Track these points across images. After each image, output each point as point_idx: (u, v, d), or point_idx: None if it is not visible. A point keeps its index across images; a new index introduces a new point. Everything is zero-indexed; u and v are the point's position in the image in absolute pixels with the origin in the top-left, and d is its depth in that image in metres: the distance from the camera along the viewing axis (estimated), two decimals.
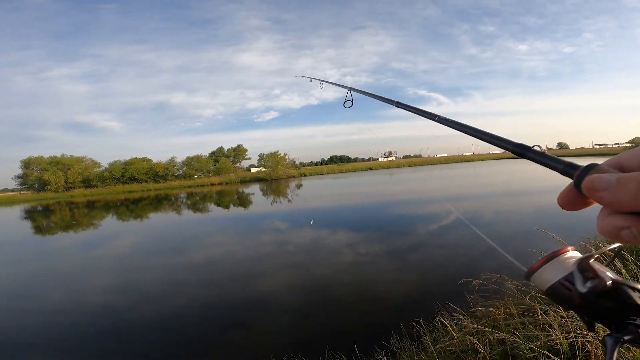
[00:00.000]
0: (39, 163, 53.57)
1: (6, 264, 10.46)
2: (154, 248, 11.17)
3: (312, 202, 21.24)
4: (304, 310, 5.16)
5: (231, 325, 4.90)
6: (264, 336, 4.48)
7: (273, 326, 4.72)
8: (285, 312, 5.16)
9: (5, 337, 4.93)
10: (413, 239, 9.09)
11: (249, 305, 5.55)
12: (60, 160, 54.08)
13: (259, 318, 5.04)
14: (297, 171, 56.18)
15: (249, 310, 5.36)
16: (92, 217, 23.18)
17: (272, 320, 4.92)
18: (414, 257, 7.42)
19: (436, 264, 6.83)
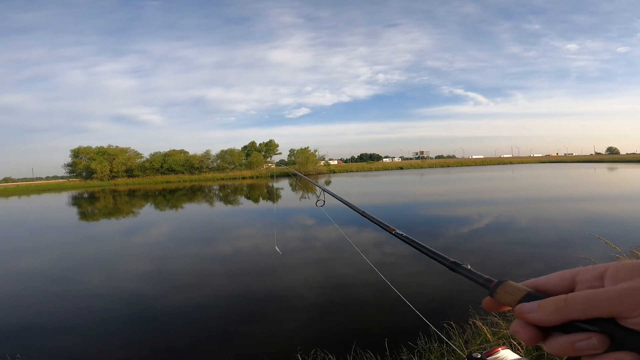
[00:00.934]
0: (87, 153, 57.73)
1: (52, 247, 11.37)
2: (186, 238, 11.66)
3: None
4: (327, 307, 5.15)
5: (254, 318, 4.98)
6: (286, 331, 4.51)
7: (296, 321, 4.75)
8: (308, 307, 5.18)
9: (44, 320, 5.27)
10: (442, 240, 8.79)
11: (272, 299, 5.62)
12: (106, 151, 57.96)
13: (282, 312, 5.09)
14: (327, 168, 56.32)
15: (273, 303, 5.42)
16: (132, 205, 24.62)
17: (294, 315, 4.95)
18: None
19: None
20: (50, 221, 18.64)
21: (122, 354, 4.10)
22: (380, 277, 6.09)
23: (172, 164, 57.71)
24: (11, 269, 8.31)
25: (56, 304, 5.96)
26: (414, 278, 6.17)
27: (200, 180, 52.16)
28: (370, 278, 6.23)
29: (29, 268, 8.28)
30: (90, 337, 4.59)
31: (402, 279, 6.11)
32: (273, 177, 50.21)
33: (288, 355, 3.70)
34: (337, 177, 44.20)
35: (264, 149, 67.28)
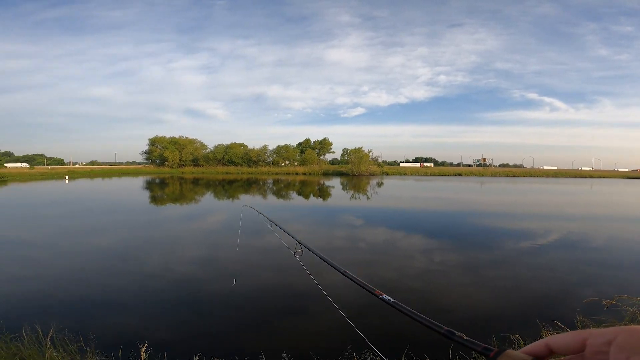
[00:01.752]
0: (161, 142, 64.07)
1: (124, 227, 12.88)
2: (237, 228, 12.39)
3: (391, 201, 20.77)
4: (364, 308, 5.08)
5: (294, 311, 5.08)
6: (325, 327, 4.54)
7: (334, 320, 4.74)
8: (347, 307, 5.17)
9: (106, 295, 5.59)
10: (497, 254, 8.22)
11: (313, 295, 5.73)
12: (177, 141, 63.73)
13: (322, 309, 5.09)
14: (380, 169, 55.38)
15: (313, 300, 5.51)
16: (194, 193, 26.79)
17: (333, 313, 4.97)
18: (495, 273, 6.73)
19: (521, 283, 6.06)
20: (125, 203, 21.13)
21: (167, 333, 4.37)
22: (424, 285, 5.88)
23: (233, 156, 61.56)
24: (86, 245, 9.38)
25: (119, 281, 6.33)
26: (462, 289, 5.89)
27: (256, 173, 54.83)
28: (415, 284, 6.08)
29: (102, 245, 9.27)
30: (142, 315, 4.87)
31: (448, 288, 5.87)
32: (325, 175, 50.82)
33: (327, 353, 3.79)
34: (389, 180, 43.30)
35: (318, 146, 68.34)
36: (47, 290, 5.75)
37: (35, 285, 5.99)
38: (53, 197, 23.46)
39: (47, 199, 22.34)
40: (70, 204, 19.68)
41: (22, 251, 8.44)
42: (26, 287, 5.90)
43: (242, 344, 4.04)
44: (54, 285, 6.03)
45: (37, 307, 4.99)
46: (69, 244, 9.27)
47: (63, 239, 10.00)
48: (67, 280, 6.31)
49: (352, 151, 55.05)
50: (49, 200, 21.52)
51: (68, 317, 4.56)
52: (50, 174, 50.04)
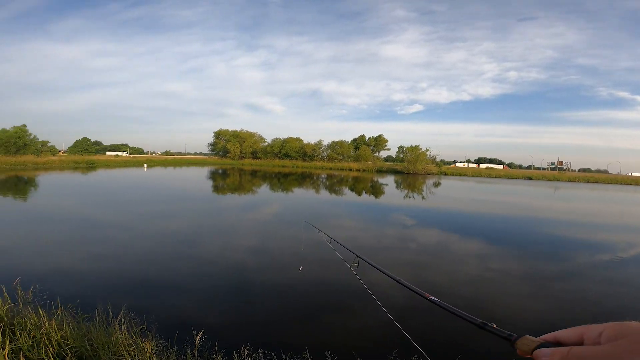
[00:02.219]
0: (225, 135, 68.52)
1: (188, 213, 14.12)
2: (289, 219, 12.86)
3: (448, 203, 19.78)
4: (406, 312, 4.92)
5: (339, 309, 5.14)
6: (371, 329, 4.53)
7: (376, 320, 4.68)
8: (390, 308, 5.12)
9: (169, 279, 5.99)
10: (565, 266, 7.44)
11: (357, 293, 5.75)
12: (238, 134, 67.64)
13: (366, 309, 5.09)
14: (438, 169, 52.81)
15: (357, 298, 5.50)
16: (252, 184, 28.30)
17: (377, 314, 4.89)
18: (560, 285, 6.12)
19: (589, 298, 5.43)
20: (192, 191, 23.12)
21: (219, 319, 4.64)
22: (475, 293, 5.55)
23: (289, 150, 63.57)
24: (158, 229, 10.47)
25: (182, 265, 6.76)
26: (519, 301, 5.47)
27: (310, 168, 55.97)
28: (464, 291, 5.80)
29: (171, 230, 10.23)
30: (199, 300, 5.13)
31: (503, 298, 5.49)
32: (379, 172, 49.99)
33: (372, 354, 3.82)
34: (447, 180, 41.12)
35: (372, 143, 67.34)
36: (122, 271, 6.36)
37: (113, 265, 6.64)
38: (133, 183, 26.59)
39: (128, 184, 25.41)
40: (147, 189, 22.15)
41: (103, 232, 9.71)
42: (105, 267, 6.55)
43: (288, 337, 4.12)
44: (128, 266, 6.66)
45: (111, 287, 5.39)
46: (143, 227, 10.46)
47: (139, 222, 11.32)
48: (139, 262, 6.99)
49: (409, 149, 53.22)
50: (130, 186, 24.46)
51: (136, 298, 4.90)
52: (132, 161, 56.73)
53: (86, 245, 8.12)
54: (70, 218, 11.50)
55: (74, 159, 49.37)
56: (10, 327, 2.87)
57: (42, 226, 10.07)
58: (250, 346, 3.20)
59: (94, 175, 31.58)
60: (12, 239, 8.47)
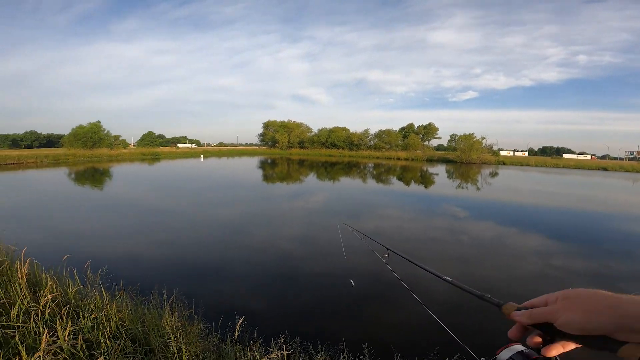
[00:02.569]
0: (273, 125, 70.45)
1: (240, 202, 14.81)
2: (336, 209, 12.93)
3: (506, 194, 18.35)
4: (455, 311, 4.69)
5: (381, 301, 5.08)
6: (410, 324, 4.43)
7: (416, 314, 4.50)
8: (435, 303, 4.89)
9: (219, 265, 6.37)
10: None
11: (400, 286, 5.62)
12: (286, 125, 69.11)
13: (408, 303, 4.91)
14: (495, 158, 49.14)
15: (400, 291, 5.42)
16: (300, 173, 28.85)
17: (419, 310, 4.81)
18: (636, 287, 5.38)
19: None
20: (242, 180, 24.24)
21: (260, 306, 4.82)
22: (534, 292, 5.11)
23: (335, 139, 63.55)
24: (212, 216, 11.17)
25: (232, 252, 7.11)
26: None
27: (357, 157, 55.46)
28: (520, 290, 5.40)
29: (224, 217, 10.89)
30: (243, 286, 5.36)
31: None
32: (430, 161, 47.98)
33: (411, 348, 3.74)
34: (506, 170, 38.08)
35: (422, 131, 64.66)
36: (178, 256, 6.86)
37: (171, 251, 7.21)
38: (191, 173, 28.62)
39: (187, 174, 27.42)
40: (204, 179, 23.71)
41: (165, 219, 10.60)
42: (164, 252, 7.13)
43: (324, 329, 4.14)
44: (183, 251, 7.15)
45: (168, 271, 5.80)
46: (199, 215, 11.22)
47: (195, 209, 12.17)
48: (194, 247, 7.50)
49: (462, 137, 50.08)
50: (189, 175, 26.38)
51: (188, 283, 5.21)
52: (191, 153, 60.99)
53: (150, 231, 8.96)
54: (137, 205, 12.78)
55: (141, 151, 54.53)
56: (75, 309, 3.04)
57: (113, 213, 11.32)
58: (287, 334, 3.24)
59: (158, 166, 34.56)
60: (88, 224, 9.63)
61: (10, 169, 28.55)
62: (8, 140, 77.50)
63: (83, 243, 7.63)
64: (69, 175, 24.52)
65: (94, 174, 25.41)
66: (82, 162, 36.59)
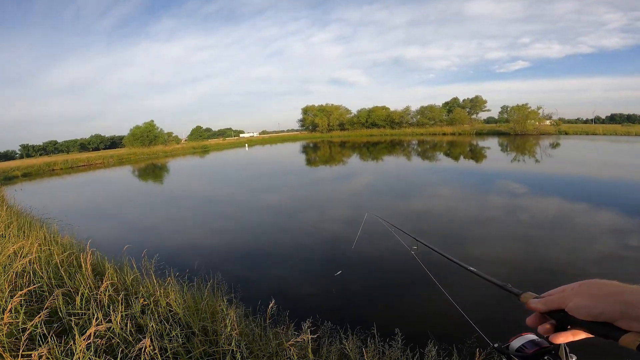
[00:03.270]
0: (312, 110, 70.34)
1: (288, 188, 15.11)
2: (382, 189, 12.68)
3: (571, 167, 16.63)
4: (479, 301, 4.37)
5: (425, 286, 4.92)
6: (436, 311, 4.22)
7: (443, 304, 4.28)
8: (460, 292, 4.64)
9: (271, 249, 6.75)
10: None
11: (450, 269, 5.39)
12: (325, 108, 68.65)
13: (434, 292, 4.78)
14: (555, 128, 44.53)
15: (450, 274, 5.20)
16: (342, 155, 28.70)
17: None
18: None
19: None
20: (288, 165, 24.69)
21: (310, 289, 4.94)
22: (609, 276, 4.67)
23: (375, 119, 61.98)
24: (262, 202, 11.51)
25: (282, 237, 7.47)
26: None
27: (400, 135, 53.70)
28: (595, 272, 4.90)
29: (271, 204, 11.16)
30: (295, 270, 5.60)
31: None
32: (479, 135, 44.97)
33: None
34: (569, 140, 34.41)
35: (468, 105, 60.54)
36: (230, 242, 7.45)
37: (220, 237, 7.83)
38: (239, 163, 29.83)
39: (235, 164, 28.63)
40: (251, 168, 24.62)
41: (219, 207, 11.22)
42: (215, 239, 7.79)
43: (355, 315, 4.13)
44: (235, 238, 7.75)
45: (215, 257, 6.26)
46: (250, 202, 11.72)
47: (246, 197, 12.72)
48: (245, 234, 8.01)
49: (514, 108, 45.72)
50: (237, 165, 27.53)
51: (233, 268, 5.63)
52: (236, 143, 63.41)
53: (201, 220, 9.68)
54: (192, 196, 13.67)
55: (192, 145, 57.88)
56: (130, 295, 3.32)
57: (171, 205, 12.27)
58: (317, 317, 3.38)
59: (208, 158, 36.48)
60: (149, 216, 10.56)
61: (82, 170, 32.00)
62: (77, 145, 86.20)
63: (143, 234, 8.53)
64: (133, 173, 26.94)
65: (153, 170, 27.61)
66: (143, 159, 39.84)
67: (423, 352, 2.99)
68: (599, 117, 71.64)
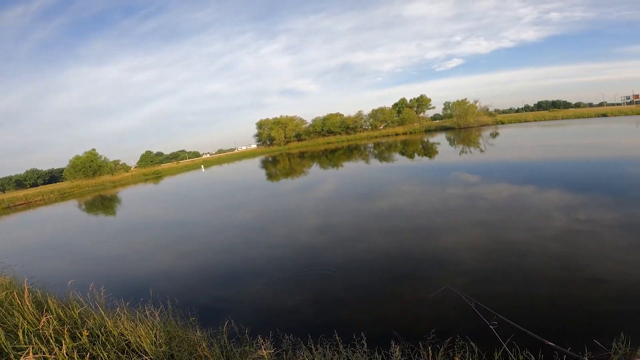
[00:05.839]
0: (267, 124, 69.91)
1: (252, 203, 14.77)
2: (346, 194, 12.87)
3: (512, 153, 18.18)
4: (490, 275, 4.70)
5: (404, 277, 5.05)
6: (434, 298, 4.25)
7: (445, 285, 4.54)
8: (465, 273, 4.87)
9: (245, 265, 6.72)
10: None
11: (426, 260, 5.56)
12: (280, 121, 68.58)
13: (434, 275, 4.96)
14: (492, 118, 48.63)
15: (426, 265, 5.37)
16: (302, 166, 28.72)
17: (448, 279, 4.68)
18: None
19: None
20: (249, 181, 24.18)
21: (291, 297, 4.91)
22: (565, 249, 5.08)
23: (330, 126, 63.18)
24: (227, 221, 11.24)
25: (253, 251, 7.37)
26: (618, 255, 4.90)
27: (355, 140, 55.12)
28: (553, 248, 5.34)
29: (238, 220, 10.95)
30: (273, 282, 5.45)
31: (598, 252, 4.97)
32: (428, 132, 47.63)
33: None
34: (506, 129, 37.77)
35: (415, 104, 64.03)
36: (187, 265, 7.21)
37: (195, 261, 7.51)
38: (196, 185, 28.61)
39: (193, 186, 27.41)
40: (209, 188, 23.71)
41: (183, 230, 10.65)
42: (189, 262, 7.48)
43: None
44: (192, 260, 7.54)
45: (175, 281, 6.27)
46: (215, 221, 11.26)
47: (210, 217, 12.20)
48: (216, 253, 7.80)
49: (455, 104, 49.39)
50: (194, 187, 26.36)
51: (191, 291, 5.68)
52: (191, 165, 60.86)
53: (155, 246, 9.09)
54: (143, 223, 12.80)
55: (142, 172, 54.42)
56: (79, 327, 3.28)
57: (119, 235, 11.42)
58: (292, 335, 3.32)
59: (163, 183, 34.58)
60: (98, 249, 9.77)
61: (21, 209, 28.73)
62: (12, 182, 77.75)
63: (92, 267, 8.08)
64: (79, 207, 24.64)
65: (102, 202, 25.49)
66: (88, 192, 36.66)
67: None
68: (528, 106, 79.13)
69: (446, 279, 4.57)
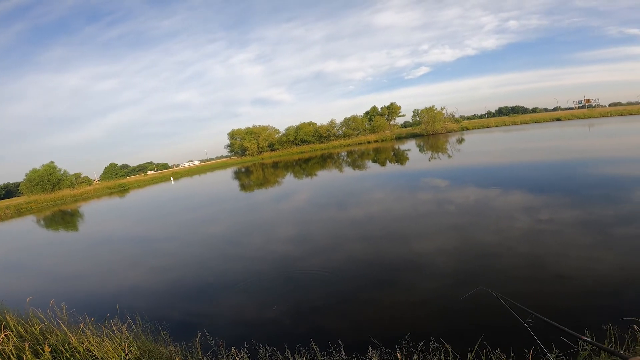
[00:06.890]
0: (239, 134, 68.97)
1: (226, 215, 14.39)
2: (321, 202, 12.85)
3: (478, 157, 19.03)
4: (461, 277, 4.80)
5: (381, 283, 5.08)
6: (411, 301, 4.45)
7: (421, 291, 4.66)
8: (440, 276, 4.98)
9: (221, 278, 6.54)
10: (629, 208, 6.82)
11: (401, 265, 5.63)
12: (252, 130, 67.92)
13: (410, 280, 5.05)
14: (458, 125, 50.93)
15: (401, 270, 5.43)
16: (276, 176, 28.46)
17: (421, 283, 4.84)
18: (623, 231, 5.69)
19: None
20: (223, 193, 23.60)
21: (268, 309, 4.83)
22: (531, 249, 5.29)
23: (304, 135, 63.32)
24: (200, 234, 10.82)
25: (229, 264, 7.22)
26: (580, 252, 5.18)
27: (329, 148, 55.58)
28: (519, 248, 5.57)
29: (212, 233, 10.60)
30: (250, 294, 5.36)
31: (561, 251, 5.23)
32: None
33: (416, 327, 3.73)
34: (471, 135, 39.59)
35: (386, 112, 65.77)
36: (172, 279, 6.85)
37: (165, 276, 7.16)
38: (165, 197, 27.51)
39: (161, 199, 26.32)
40: (180, 200, 22.86)
41: (152, 244, 10.15)
42: (158, 277, 7.14)
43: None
44: (177, 274, 7.16)
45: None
46: (187, 235, 10.81)
47: (182, 231, 11.70)
48: (188, 267, 7.42)
49: (423, 111, 51.38)
50: (163, 200, 25.32)
51: (161, 305, 5.46)
52: (160, 177, 58.55)
53: (120, 261, 8.67)
54: (107, 238, 12.08)
55: (106, 185, 51.65)
56: (41, 343, 3.18)
57: (80, 250, 10.69)
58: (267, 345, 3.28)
59: (129, 197, 32.96)
60: (56, 265, 9.09)
61: None
62: None
63: (48, 283, 7.70)
64: (37, 223, 22.91)
65: (62, 217, 23.84)
66: (47, 206, 34.19)
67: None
68: (490, 112, 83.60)
69: (421, 282, 4.61)
